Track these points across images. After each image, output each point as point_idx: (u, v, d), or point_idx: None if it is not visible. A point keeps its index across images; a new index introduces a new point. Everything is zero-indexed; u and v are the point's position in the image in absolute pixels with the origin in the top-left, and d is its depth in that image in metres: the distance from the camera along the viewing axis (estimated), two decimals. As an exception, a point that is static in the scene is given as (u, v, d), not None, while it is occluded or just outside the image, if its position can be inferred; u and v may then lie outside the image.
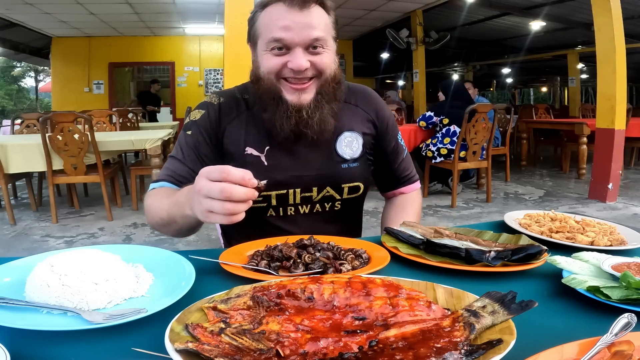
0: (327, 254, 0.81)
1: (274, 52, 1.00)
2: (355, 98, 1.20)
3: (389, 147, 1.23)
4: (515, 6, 8.09)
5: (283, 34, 0.97)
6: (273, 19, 0.99)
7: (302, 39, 0.98)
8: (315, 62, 1.01)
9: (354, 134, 1.15)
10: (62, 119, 3.70)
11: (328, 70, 1.03)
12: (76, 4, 7.59)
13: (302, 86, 1.02)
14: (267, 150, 1.11)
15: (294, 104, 1.02)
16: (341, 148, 1.14)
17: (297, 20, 0.97)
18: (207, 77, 10.82)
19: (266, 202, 1.13)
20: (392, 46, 9.32)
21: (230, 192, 0.68)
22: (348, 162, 1.14)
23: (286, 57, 0.99)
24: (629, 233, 0.97)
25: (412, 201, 1.28)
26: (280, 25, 0.98)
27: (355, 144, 1.15)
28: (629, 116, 5.28)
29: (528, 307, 0.53)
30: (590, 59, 10.34)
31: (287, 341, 0.49)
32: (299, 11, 0.97)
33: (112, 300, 0.65)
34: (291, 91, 1.02)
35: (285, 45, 0.99)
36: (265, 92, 1.04)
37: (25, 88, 24.54)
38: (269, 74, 1.02)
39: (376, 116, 1.20)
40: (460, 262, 0.80)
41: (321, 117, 1.04)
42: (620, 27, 4.40)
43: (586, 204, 4.53)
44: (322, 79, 1.04)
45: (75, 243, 3.47)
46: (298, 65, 0.98)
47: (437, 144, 4.58)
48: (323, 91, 1.04)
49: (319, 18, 1.00)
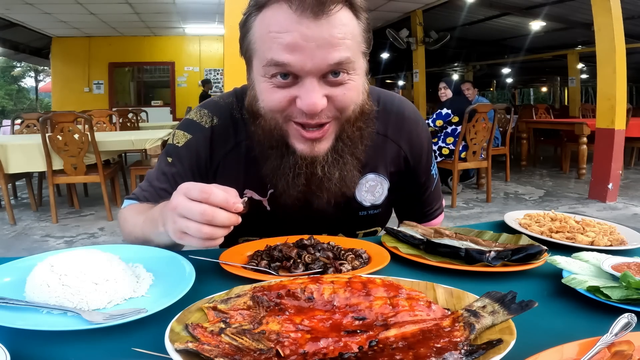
0: (327, 254, 0.81)
1: (275, 81, 0.71)
2: (385, 123, 0.91)
3: (419, 181, 1.00)
4: (515, 6, 8.09)
5: (287, 55, 0.68)
6: (273, 30, 0.69)
7: (315, 65, 0.68)
8: (334, 97, 0.72)
9: (379, 178, 0.92)
10: (62, 119, 3.70)
11: (352, 106, 0.74)
12: (76, 4, 7.59)
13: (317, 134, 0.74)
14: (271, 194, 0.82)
15: (305, 156, 0.76)
16: (361, 194, 0.92)
17: (310, 34, 0.66)
18: (207, 77, 10.83)
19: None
20: (392, 46, 9.32)
21: (211, 216, 0.59)
22: (368, 210, 0.94)
23: (294, 91, 0.71)
24: (629, 233, 0.97)
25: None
26: (284, 41, 0.67)
27: (379, 189, 0.93)
28: (629, 116, 5.28)
29: (528, 307, 0.53)
30: (590, 59, 10.34)
31: (287, 341, 0.49)
32: (312, 18, 0.66)
33: (112, 300, 0.65)
34: (302, 140, 0.75)
35: (292, 72, 0.70)
36: (267, 135, 0.77)
37: (25, 88, 24.56)
38: (274, 114, 0.74)
39: (410, 149, 0.94)
40: (460, 262, 0.79)
41: (342, 174, 0.78)
42: (620, 27, 4.40)
43: (586, 204, 4.53)
44: (342, 120, 0.75)
45: (75, 243, 3.47)
46: (311, 106, 0.69)
47: (438, 142, 4.57)
48: (345, 136, 0.77)
49: (344, 27, 0.69)
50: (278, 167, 0.79)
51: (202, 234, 0.61)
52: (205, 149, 0.88)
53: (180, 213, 0.61)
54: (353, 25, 0.72)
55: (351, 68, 0.72)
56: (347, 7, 0.70)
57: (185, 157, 0.89)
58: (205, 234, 0.61)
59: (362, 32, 0.74)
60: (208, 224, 0.60)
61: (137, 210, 0.89)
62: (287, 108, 0.73)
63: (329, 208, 0.88)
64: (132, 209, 0.91)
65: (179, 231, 0.63)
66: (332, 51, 0.68)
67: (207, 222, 0.60)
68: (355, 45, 0.72)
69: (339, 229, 0.90)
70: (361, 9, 0.73)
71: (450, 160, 4.44)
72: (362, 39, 0.74)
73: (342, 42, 0.69)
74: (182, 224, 0.61)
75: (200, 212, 0.59)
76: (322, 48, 0.67)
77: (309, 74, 0.69)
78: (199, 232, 0.60)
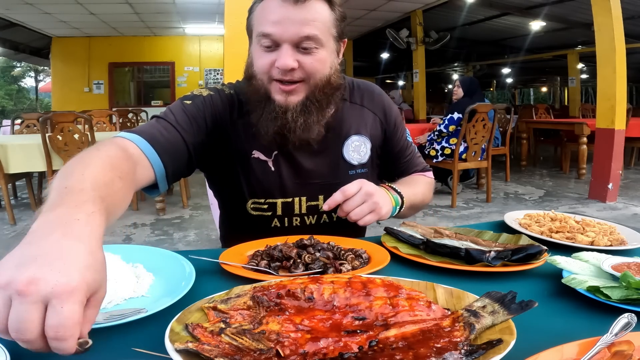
0: (327, 254, 0.81)
1: (263, 48, 0.94)
2: (360, 97, 1.13)
3: (396, 147, 1.18)
4: (515, 6, 8.09)
5: (271, 28, 0.90)
6: (265, 12, 0.92)
7: (289, 36, 0.90)
8: (303, 63, 0.93)
9: (362, 138, 1.09)
10: (62, 119, 3.71)
11: (318, 74, 0.95)
12: (76, 4, 7.59)
13: (289, 87, 0.94)
14: (275, 156, 1.04)
15: (281, 104, 0.96)
16: (348, 153, 1.08)
17: (288, 14, 0.90)
18: (207, 77, 10.82)
19: (271, 210, 1.07)
20: (392, 46, 9.32)
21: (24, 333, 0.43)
22: (356, 168, 1.09)
23: (274, 55, 0.92)
24: (629, 233, 0.97)
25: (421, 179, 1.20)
26: (271, 19, 0.91)
27: (363, 148, 1.10)
28: (629, 116, 5.28)
29: (528, 307, 0.53)
30: (590, 59, 10.34)
31: (287, 341, 0.49)
32: (293, 5, 0.89)
33: (112, 300, 0.65)
34: (279, 92, 0.95)
35: (274, 41, 0.91)
36: (255, 92, 0.98)
37: (25, 88, 24.55)
38: (261, 74, 0.95)
39: (383, 116, 1.14)
40: (460, 262, 0.80)
41: (306, 122, 0.97)
42: (620, 27, 4.40)
43: (586, 204, 4.53)
44: (311, 84, 0.96)
45: (75, 243, 3.47)
46: (283, 64, 0.90)
47: (441, 142, 4.57)
48: (313, 97, 0.97)
49: (316, 14, 0.91)
50: (261, 114, 0.98)
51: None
52: (224, 108, 1.03)
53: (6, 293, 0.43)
54: (325, 14, 0.94)
55: (319, 43, 0.93)
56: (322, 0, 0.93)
57: (207, 105, 1.02)
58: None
59: (334, 20, 0.96)
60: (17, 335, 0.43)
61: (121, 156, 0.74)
62: (270, 70, 0.94)
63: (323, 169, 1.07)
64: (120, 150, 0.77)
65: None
66: (302, 27, 0.90)
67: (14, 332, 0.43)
68: (324, 28, 0.94)
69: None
70: (336, 4, 0.96)
71: (450, 160, 4.44)
72: (333, 25, 0.96)
73: (312, 23, 0.91)
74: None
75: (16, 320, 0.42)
76: (295, 24, 0.90)
77: (285, 42, 0.91)
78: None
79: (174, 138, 0.92)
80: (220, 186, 1.16)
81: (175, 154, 0.92)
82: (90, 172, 0.63)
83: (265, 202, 1.07)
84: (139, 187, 0.85)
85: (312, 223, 1.09)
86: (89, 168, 0.64)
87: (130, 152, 0.82)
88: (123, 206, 0.68)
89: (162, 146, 0.89)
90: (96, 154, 0.70)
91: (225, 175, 1.09)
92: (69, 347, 0.43)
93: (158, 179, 0.90)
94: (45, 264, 0.44)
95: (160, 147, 0.88)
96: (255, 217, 1.09)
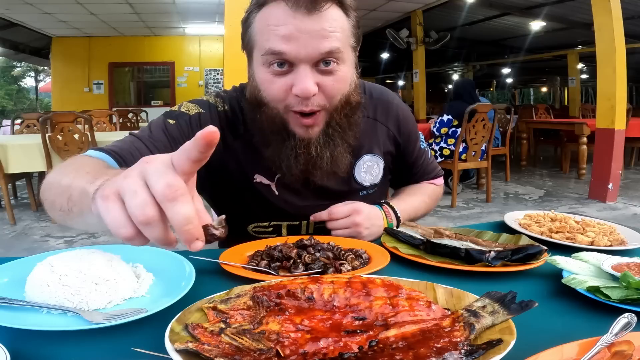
0: (327, 254, 0.81)
1: (272, 70, 0.79)
2: (374, 109, 1.01)
3: (410, 159, 1.10)
4: (515, 6, 8.09)
5: (283, 45, 0.75)
6: (271, 24, 0.77)
7: (308, 53, 0.75)
8: (324, 86, 0.79)
9: (375, 158, 1.00)
10: (62, 119, 3.71)
11: (339, 96, 0.82)
12: (76, 4, 7.59)
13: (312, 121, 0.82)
14: (278, 178, 0.94)
15: (302, 138, 0.83)
16: (360, 175, 0.99)
17: (303, 26, 0.75)
18: (207, 77, 10.82)
19: (276, 232, 1.00)
20: (392, 46, 9.32)
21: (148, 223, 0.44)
22: (367, 189, 1.02)
23: (289, 78, 0.78)
24: (629, 233, 0.97)
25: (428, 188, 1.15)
26: (281, 33, 0.75)
27: (375, 168, 1.01)
28: (629, 116, 5.28)
29: (528, 307, 0.53)
30: (590, 59, 10.34)
31: (287, 341, 0.49)
32: (306, 14, 0.74)
33: (112, 300, 0.65)
34: (299, 124, 0.82)
35: (287, 61, 0.77)
36: (270, 122, 0.83)
37: (25, 88, 24.55)
38: (276, 103, 0.81)
39: (398, 130, 1.03)
40: (460, 262, 0.80)
41: (332, 155, 0.85)
42: (620, 27, 4.40)
43: (586, 204, 4.53)
44: (331, 108, 0.83)
45: (75, 243, 3.47)
46: (304, 90, 0.76)
47: (440, 142, 4.57)
48: (334, 122, 0.84)
49: (334, 22, 0.77)
50: (280, 150, 0.85)
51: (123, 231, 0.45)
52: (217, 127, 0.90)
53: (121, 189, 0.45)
54: (343, 21, 0.80)
55: (340, 58, 0.79)
56: (337, 5, 0.79)
57: (193, 127, 0.89)
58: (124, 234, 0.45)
59: (352, 28, 0.83)
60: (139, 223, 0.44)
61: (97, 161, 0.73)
62: (286, 98, 0.80)
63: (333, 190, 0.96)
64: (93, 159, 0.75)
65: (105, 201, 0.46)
66: (323, 41, 0.76)
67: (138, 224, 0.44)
68: (344, 38, 0.80)
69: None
70: (351, 8, 0.82)
71: (450, 160, 4.44)
72: (351, 33, 0.82)
73: (333, 34, 0.77)
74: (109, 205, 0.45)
75: (141, 211, 0.43)
76: (314, 38, 0.75)
77: (303, 61, 0.76)
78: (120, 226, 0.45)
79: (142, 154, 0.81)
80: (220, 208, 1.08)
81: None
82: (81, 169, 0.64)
83: (269, 225, 1.00)
84: None
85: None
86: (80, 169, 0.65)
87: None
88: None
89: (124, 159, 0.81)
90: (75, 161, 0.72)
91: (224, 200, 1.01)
92: (190, 210, 0.40)
93: None
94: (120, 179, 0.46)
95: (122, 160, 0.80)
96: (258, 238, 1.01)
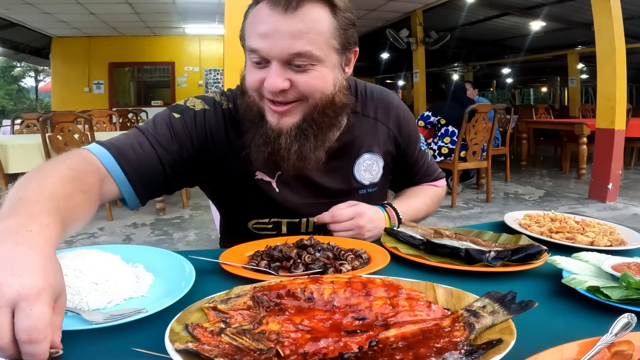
0: (327, 254, 0.81)
1: (253, 66, 0.83)
2: (374, 109, 1.03)
3: (410, 160, 1.11)
4: (515, 6, 8.09)
5: (259, 42, 0.78)
6: (255, 22, 0.80)
7: (278, 52, 0.77)
8: (296, 82, 0.80)
9: (374, 157, 1.01)
10: (62, 119, 3.71)
11: (318, 93, 0.83)
12: (76, 4, 7.59)
13: (282, 108, 0.83)
14: (279, 176, 0.96)
15: (273, 127, 0.85)
16: (360, 173, 1.01)
17: (278, 25, 0.76)
18: (207, 77, 10.82)
19: (276, 230, 1.02)
20: (392, 46, 9.32)
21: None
22: (367, 188, 1.03)
23: (264, 72, 0.81)
24: (629, 233, 0.97)
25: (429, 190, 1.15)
26: (259, 31, 0.78)
27: (375, 167, 1.02)
28: (629, 116, 5.28)
29: (528, 307, 0.53)
30: (590, 59, 10.34)
31: (287, 341, 0.49)
32: (282, 13, 0.76)
33: (112, 300, 0.65)
34: (271, 112, 0.84)
35: (262, 57, 0.80)
36: (248, 110, 0.87)
37: (25, 88, 24.55)
38: (252, 91, 0.85)
39: (398, 130, 1.05)
40: (460, 262, 0.80)
41: (301, 150, 0.85)
42: (620, 27, 4.40)
43: (586, 204, 4.53)
44: (310, 103, 0.84)
45: (75, 243, 3.47)
46: (272, 85, 0.78)
47: (438, 142, 4.59)
48: (311, 119, 0.84)
49: (311, 23, 0.77)
50: (253, 137, 0.87)
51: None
52: (218, 127, 0.93)
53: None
54: (325, 22, 0.79)
55: (314, 59, 0.79)
56: (322, 5, 0.79)
57: (197, 122, 0.92)
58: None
59: (337, 30, 0.81)
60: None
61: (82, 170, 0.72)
62: (260, 87, 0.83)
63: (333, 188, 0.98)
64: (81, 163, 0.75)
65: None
66: (293, 42, 0.77)
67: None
68: (321, 41, 0.79)
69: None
70: (340, 9, 0.81)
71: (450, 160, 4.45)
72: (335, 36, 0.81)
73: (305, 36, 0.77)
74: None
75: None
76: (285, 38, 0.76)
77: (274, 59, 0.78)
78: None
79: (147, 156, 0.85)
80: (222, 204, 1.11)
81: (146, 172, 0.86)
82: (49, 183, 0.62)
83: (269, 222, 1.01)
84: (106, 200, 0.83)
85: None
86: (47, 179, 0.63)
87: (97, 166, 0.80)
88: (84, 219, 0.68)
89: (131, 164, 0.83)
90: (57, 166, 0.69)
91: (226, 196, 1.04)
92: (43, 351, 0.42)
93: (125, 196, 0.86)
94: (4, 269, 0.43)
95: (128, 164, 0.83)
96: (258, 235, 1.04)
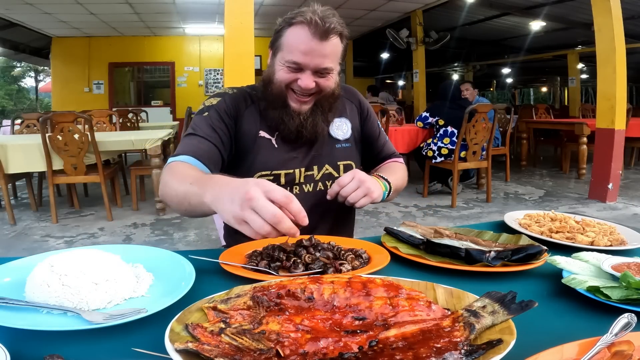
0: (327, 254, 0.81)
1: (288, 69, 1.16)
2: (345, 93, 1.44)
3: (372, 129, 1.44)
4: (515, 6, 8.09)
5: (301, 58, 1.13)
6: (297, 43, 1.13)
7: (314, 66, 1.15)
8: (319, 83, 1.19)
9: (343, 119, 1.38)
10: (62, 119, 3.70)
11: (328, 89, 1.22)
12: (76, 4, 7.59)
13: (304, 99, 1.21)
14: (277, 135, 1.27)
15: (295, 110, 1.22)
16: (334, 131, 1.35)
17: (315, 48, 1.12)
18: (207, 77, 10.82)
19: (276, 181, 1.24)
20: (392, 46, 9.31)
21: (279, 221, 0.67)
22: (341, 143, 1.36)
23: (297, 75, 1.16)
24: (629, 233, 0.97)
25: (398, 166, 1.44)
26: (301, 49, 1.13)
27: (345, 126, 1.38)
28: (629, 116, 5.28)
29: (528, 307, 0.53)
30: (590, 59, 10.34)
31: (287, 341, 0.49)
32: (319, 41, 1.12)
33: (112, 300, 0.65)
34: (295, 101, 1.21)
35: (300, 66, 1.15)
36: (275, 95, 1.21)
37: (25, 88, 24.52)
38: (280, 83, 1.19)
39: (360, 106, 1.45)
40: (460, 262, 0.80)
41: (314, 122, 1.25)
42: (620, 27, 4.40)
43: (586, 204, 4.53)
44: (321, 95, 1.22)
45: (75, 243, 3.47)
46: (306, 86, 1.16)
47: (437, 142, 4.58)
48: (320, 104, 1.24)
49: (334, 48, 1.15)
50: (280, 117, 1.22)
51: (263, 231, 0.68)
52: (233, 106, 1.27)
53: (252, 206, 0.68)
54: (339, 47, 1.18)
55: (330, 70, 1.18)
56: (338, 36, 1.16)
57: (219, 108, 1.26)
58: (264, 231, 0.68)
59: (342, 52, 1.20)
60: (272, 225, 0.67)
61: (184, 168, 1.07)
62: (290, 83, 1.18)
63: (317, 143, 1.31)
64: (179, 165, 1.09)
65: (241, 219, 0.69)
66: (323, 60, 1.15)
67: (272, 224, 0.67)
68: (336, 59, 1.19)
69: (325, 161, 1.31)
70: (345, 37, 1.19)
71: (450, 160, 4.44)
72: (341, 55, 1.21)
73: (330, 57, 1.15)
74: (249, 216, 0.68)
75: (272, 214, 0.67)
76: (319, 57, 1.14)
77: (309, 68, 1.16)
78: (261, 228, 0.68)
79: (208, 148, 1.17)
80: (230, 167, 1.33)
81: (213, 159, 1.17)
82: (193, 174, 1.00)
83: (271, 174, 1.27)
84: None
85: (309, 190, 1.29)
86: (190, 172, 1.02)
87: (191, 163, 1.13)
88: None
89: (204, 157, 1.14)
90: (185, 168, 1.06)
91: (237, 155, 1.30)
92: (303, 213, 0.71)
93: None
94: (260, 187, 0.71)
95: (203, 158, 1.13)
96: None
